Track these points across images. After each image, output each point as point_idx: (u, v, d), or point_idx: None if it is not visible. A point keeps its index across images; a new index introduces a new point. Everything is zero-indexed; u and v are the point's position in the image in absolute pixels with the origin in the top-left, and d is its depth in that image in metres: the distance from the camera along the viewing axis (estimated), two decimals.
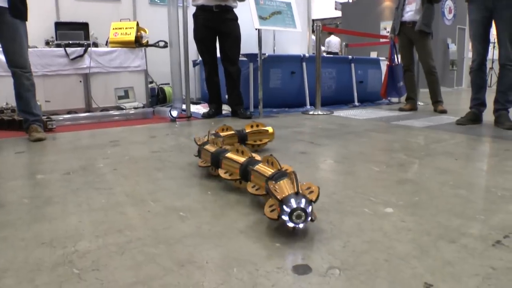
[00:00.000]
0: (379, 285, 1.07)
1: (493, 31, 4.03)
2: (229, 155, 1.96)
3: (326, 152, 2.80)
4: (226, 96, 4.79)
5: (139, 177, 2.15)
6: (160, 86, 5.93)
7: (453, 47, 12.63)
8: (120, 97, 5.26)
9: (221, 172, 1.93)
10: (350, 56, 6.55)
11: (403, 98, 6.17)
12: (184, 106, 4.66)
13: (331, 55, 11.18)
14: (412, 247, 1.30)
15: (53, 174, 2.23)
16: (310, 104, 5.69)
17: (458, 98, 4.43)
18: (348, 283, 1.08)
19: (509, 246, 1.31)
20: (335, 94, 6.19)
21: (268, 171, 1.65)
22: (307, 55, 5.97)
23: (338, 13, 17.01)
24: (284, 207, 1.31)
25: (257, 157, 1.88)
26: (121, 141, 3.20)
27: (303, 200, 1.32)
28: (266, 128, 2.80)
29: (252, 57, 5.17)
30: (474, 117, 4.19)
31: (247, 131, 2.74)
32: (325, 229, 1.44)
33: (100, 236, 1.40)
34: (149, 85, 5.68)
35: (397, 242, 1.34)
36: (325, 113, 5.10)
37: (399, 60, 5.87)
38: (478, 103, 4.21)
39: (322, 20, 20.50)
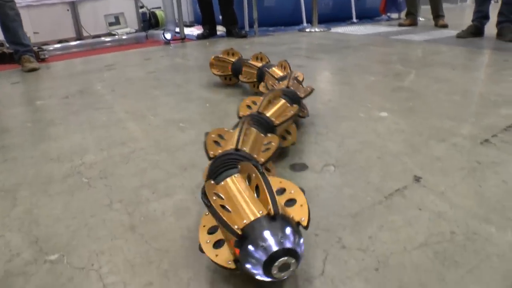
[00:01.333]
0: (371, 178, 1.14)
1: None
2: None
3: (322, 65, 2.80)
4: (220, 17, 4.68)
5: (138, 96, 2.17)
6: (151, 10, 5.78)
7: None
8: (111, 24, 5.14)
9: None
10: None
11: (403, 14, 6.02)
12: (177, 29, 4.57)
13: None
14: (404, 146, 1.36)
15: (52, 99, 2.24)
16: (307, 22, 5.56)
17: (461, 14, 4.32)
18: (342, 178, 1.14)
19: (495, 144, 1.37)
20: (333, 11, 6.02)
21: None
22: None
23: None
24: (250, 249, 0.69)
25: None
26: (116, 65, 3.19)
27: (288, 230, 0.69)
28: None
29: None
30: (475, 30, 4.10)
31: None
32: (321, 132, 1.49)
33: (104, 149, 1.45)
34: (140, 10, 5.53)
35: (390, 142, 1.39)
36: (322, 30, 5.01)
37: None
38: (480, 16, 4.10)
39: None
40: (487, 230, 0.89)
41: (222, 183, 0.83)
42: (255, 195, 0.78)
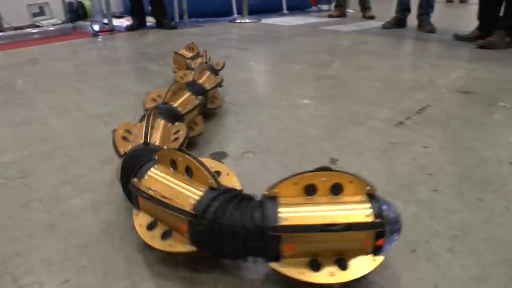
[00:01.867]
0: (288, 162, 1.18)
1: None
2: None
3: (250, 55, 2.84)
4: (150, 7, 4.59)
5: (62, 90, 2.10)
6: (78, 0, 5.55)
7: None
8: (35, 14, 4.86)
9: None
10: None
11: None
12: (105, 20, 4.44)
13: None
14: (323, 130, 1.42)
15: None
16: (238, 13, 5.58)
17: (389, 6, 4.52)
18: (260, 163, 1.18)
19: (408, 126, 1.46)
20: (263, 2, 6.06)
21: None
22: None
23: None
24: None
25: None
26: (41, 59, 3.05)
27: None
28: None
29: None
30: (398, 22, 4.32)
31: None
32: (242, 121, 1.52)
33: (24, 147, 1.40)
34: (66, 0, 5.30)
35: (310, 128, 1.45)
36: (252, 21, 5.04)
37: None
38: (403, 8, 4.32)
39: None
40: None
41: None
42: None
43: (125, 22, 5.01)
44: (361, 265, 0.68)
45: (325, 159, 1.20)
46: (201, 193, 0.73)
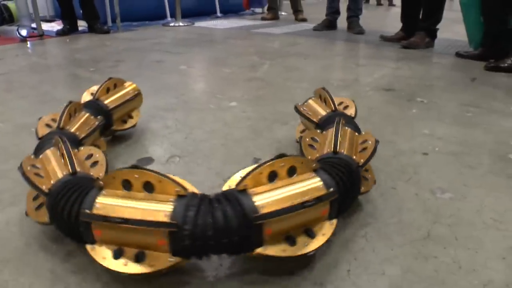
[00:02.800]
0: (213, 164, 1.20)
1: None
2: None
3: (181, 59, 2.83)
4: (81, 11, 4.46)
5: None
6: (2, 2, 5.26)
7: None
8: None
9: None
10: None
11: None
12: (34, 24, 4.25)
13: None
14: (248, 131, 1.45)
15: None
16: (171, 16, 5.54)
17: (322, 8, 4.67)
18: (186, 167, 1.20)
19: None
20: (197, 5, 6.06)
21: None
22: None
23: None
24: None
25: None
26: None
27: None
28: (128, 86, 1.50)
29: None
30: (329, 24, 4.47)
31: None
32: (170, 125, 1.53)
33: None
34: None
35: (235, 129, 1.48)
36: (186, 24, 5.03)
37: None
38: (332, 11, 4.48)
39: None
40: None
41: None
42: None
43: (56, 26, 4.82)
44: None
45: (249, 159, 1.23)
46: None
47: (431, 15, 3.27)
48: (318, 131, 1.12)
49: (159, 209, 0.71)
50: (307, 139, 1.07)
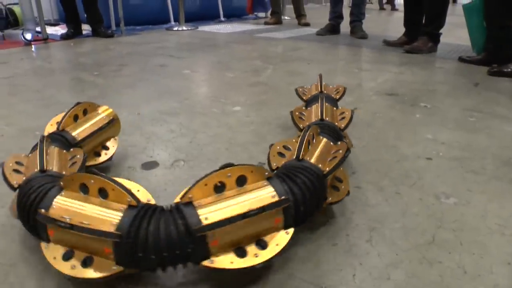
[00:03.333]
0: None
1: None
2: None
3: (184, 63, 2.84)
4: (85, 15, 4.48)
5: None
6: (7, 6, 5.28)
7: None
8: None
9: None
10: None
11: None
12: (38, 28, 4.26)
13: None
14: (252, 136, 1.46)
15: None
16: (175, 20, 5.56)
17: (324, 13, 4.69)
18: (190, 171, 1.20)
19: None
20: (200, 9, 6.09)
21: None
22: None
23: None
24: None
25: None
26: None
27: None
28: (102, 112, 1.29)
29: None
30: (332, 28, 4.48)
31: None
32: (174, 130, 1.53)
33: None
34: None
35: (239, 133, 1.48)
36: (189, 28, 5.05)
37: None
38: (335, 16, 4.49)
39: None
40: None
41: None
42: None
43: (60, 30, 4.85)
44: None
45: (253, 163, 1.23)
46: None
47: (433, 20, 3.27)
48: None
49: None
50: (297, 113, 1.25)
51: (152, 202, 0.78)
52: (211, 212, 0.73)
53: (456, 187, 1.12)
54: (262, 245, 0.75)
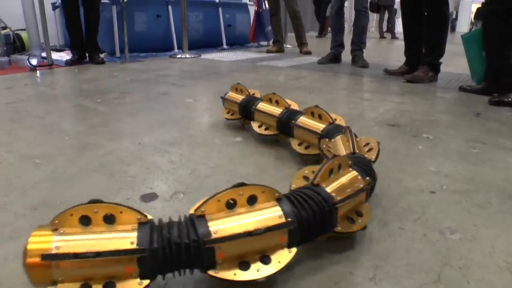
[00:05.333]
0: None
1: None
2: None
3: (187, 92, 2.85)
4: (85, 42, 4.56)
5: None
6: (15, 32, 5.35)
7: None
8: None
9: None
10: (217, 0, 6.53)
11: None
12: (44, 54, 4.31)
13: None
14: (253, 168, 1.44)
15: None
16: (178, 48, 5.63)
17: (326, 41, 4.76)
18: (189, 204, 1.18)
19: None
20: (204, 37, 6.18)
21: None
22: None
23: None
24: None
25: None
26: None
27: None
28: None
29: None
30: (333, 57, 4.53)
31: None
32: (175, 160, 1.52)
33: None
34: (2, 31, 5.09)
35: (240, 165, 1.47)
36: (192, 56, 5.10)
37: (267, 6, 6.03)
38: (337, 45, 4.55)
39: None
40: None
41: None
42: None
43: (65, 56, 4.91)
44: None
45: None
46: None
47: (433, 49, 3.31)
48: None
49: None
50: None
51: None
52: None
53: (461, 222, 1.10)
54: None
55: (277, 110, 1.63)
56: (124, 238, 0.75)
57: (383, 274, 0.88)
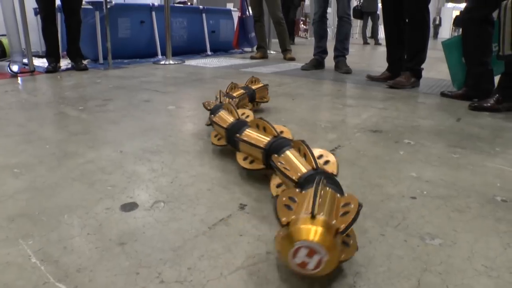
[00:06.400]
0: (198, 210, 1.18)
1: None
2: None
3: (169, 99, 2.84)
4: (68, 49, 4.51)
5: None
6: None
7: (307, 2, 13.27)
8: None
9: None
10: (201, 6, 6.54)
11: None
12: (26, 60, 4.25)
13: (181, 5, 10.91)
14: (235, 176, 1.44)
15: None
16: (162, 54, 5.61)
17: (310, 48, 4.79)
18: (170, 213, 1.17)
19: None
20: (188, 43, 6.18)
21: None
22: (156, 4, 5.81)
23: None
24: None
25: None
26: None
27: None
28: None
29: (98, 5, 4.84)
30: (317, 63, 4.56)
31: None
32: (156, 169, 1.51)
33: None
34: None
35: (222, 173, 1.46)
36: (176, 62, 5.09)
37: (250, 12, 6.05)
38: (320, 51, 4.58)
39: None
40: None
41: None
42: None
43: (47, 62, 4.84)
44: None
45: (235, 205, 1.21)
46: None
47: (414, 55, 3.35)
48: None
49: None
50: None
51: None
52: None
53: (441, 227, 1.11)
54: None
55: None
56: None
57: (364, 281, 0.88)
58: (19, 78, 3.89)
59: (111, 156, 1.63)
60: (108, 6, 4.61)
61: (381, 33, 10.87)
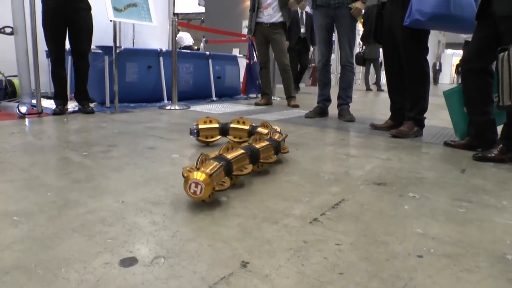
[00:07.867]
0: (199, 267, 1.15)
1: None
2: None
3: (173, 146, 2.84)
4: (75, 92, 4.58)
5: None
6: (8, 78, 5.34)
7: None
8: None
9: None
10: (207, 52, 6.68)
11: None
12: (34, 101, 4.30)
13: (188, 51, 11.18)
14: (237, 231, 1.41)
15: None
16: (168, 99, 5.68)
17: (314, 95, 4.86)
18: (170, 270, 1.14)
19: (322, 222, 1.49)
20: (193, 89, 6.26)
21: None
22: (164, 49, 5.93)
23: (202, 9, 17.06)
24: None
25: None
26: None
27: None
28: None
29: (107, 49, 4.93)
30: (320, 111, 4.60)
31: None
32: (157, 222, 1.48)
33: None
34: None
35: (223, 228, 1.44)
36: (181, 108, 5.14)
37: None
38: (324, 99, 4.63)
39: (186, 14, 20.40)
40: None
41: None
42: None
43: None
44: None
45: (236, 262, 1.19)
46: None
47: (415, 105, 3.37)
48: None
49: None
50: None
51: None
52: None
53: None
54: None
55: None
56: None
57: None
58: (26, 120, 3.93)
59: (112, 207, 1.62)
60: (118, 51, 4.71)
61: (383, 79, 11.05)
